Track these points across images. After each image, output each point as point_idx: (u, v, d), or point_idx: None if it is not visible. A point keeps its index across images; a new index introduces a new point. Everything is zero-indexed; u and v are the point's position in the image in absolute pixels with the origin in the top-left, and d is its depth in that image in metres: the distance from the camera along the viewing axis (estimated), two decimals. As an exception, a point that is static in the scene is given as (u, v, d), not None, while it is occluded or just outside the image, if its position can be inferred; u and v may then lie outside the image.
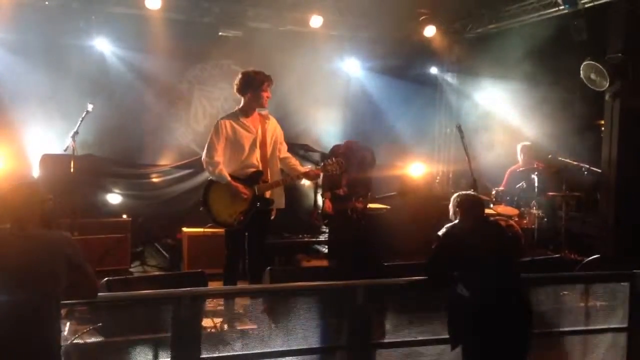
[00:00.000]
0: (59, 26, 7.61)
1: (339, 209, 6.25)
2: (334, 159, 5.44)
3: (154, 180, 8.38)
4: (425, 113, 10.02)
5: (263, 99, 5.28)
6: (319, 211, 6.49)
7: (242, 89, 5.30)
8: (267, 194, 5.31)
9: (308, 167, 5.96)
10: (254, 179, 5.25)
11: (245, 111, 5.33)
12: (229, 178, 5.18)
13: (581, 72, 7.06)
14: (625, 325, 4.78)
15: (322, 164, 5.50)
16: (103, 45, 8.14)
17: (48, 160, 7.29)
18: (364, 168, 6.47)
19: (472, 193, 4.51)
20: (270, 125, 5.40)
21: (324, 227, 7.13)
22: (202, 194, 5.32)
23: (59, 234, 3.18)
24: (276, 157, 5.42)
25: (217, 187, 5.25)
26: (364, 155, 6.50)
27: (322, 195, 6.48)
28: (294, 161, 5.59)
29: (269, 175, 5.32)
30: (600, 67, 6.87)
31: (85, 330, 4.15)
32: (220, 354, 3.96)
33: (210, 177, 5.31)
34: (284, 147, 5.55)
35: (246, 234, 5.35)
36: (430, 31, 8.85)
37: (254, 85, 5.24)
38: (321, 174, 5.68)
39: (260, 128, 5.33)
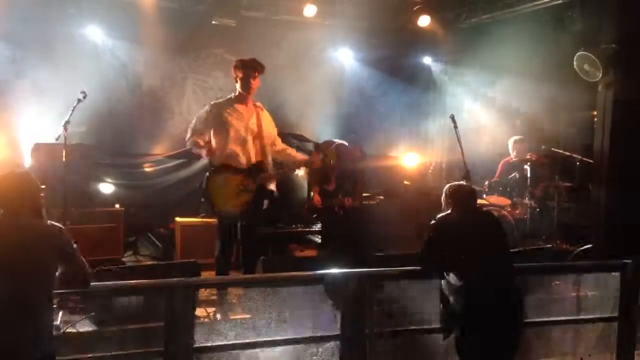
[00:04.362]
0: (49, 13, 7.53)
1: (326, 205, 6.30)
2: (330, 149, 5.47)
3: (147, 169, 8.35)
4: (419, 103, 10.01)
5: (250, 85, 5.27)
6: (309, 204, 6.50)
7: (235, 75, 5.32)
8: (269, 186, 5.34)
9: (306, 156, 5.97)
10: (255, 170, 5.26)
11: (239, 98, 5.34)
12: (197, 150, 5.25)
13: (575, 62, 7.06)
14: (615, 314, 4.82)
15: (321, 157, 5.53)
16: (95, 34, 8.07)
17: (40, 149, 7.23)
18: (352, 165, 6.50)
19: (465, 183, 4.52)
20: (264, 117, 5.41)
21: (314, 221, 7.15)
22: (204, 185, 5.32)
23: (50, 223, 3.16)
24: (272, 148, 5.45)
25: (218, 178, 5.25)
26: (352, 153, 6.54)
27: (310, 189, 6.52)
28: (291, 151, 5.62)
29: (267, 166, 5.34)
30: (594, 57, 6.87)
31: (78, 320, 4.15)
32: (213, 344, 3.98)
33: (211, 168, 5.32)
34: (279, 139, 5.57)
35: (239, 224, 5.35)
36: (424, 21, 8.81)
37: (242, 71, 5.25)
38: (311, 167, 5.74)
39: (255, 118, 5.33)
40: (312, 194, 6.48)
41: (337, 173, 6.33)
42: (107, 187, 7.84)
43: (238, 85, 5.32)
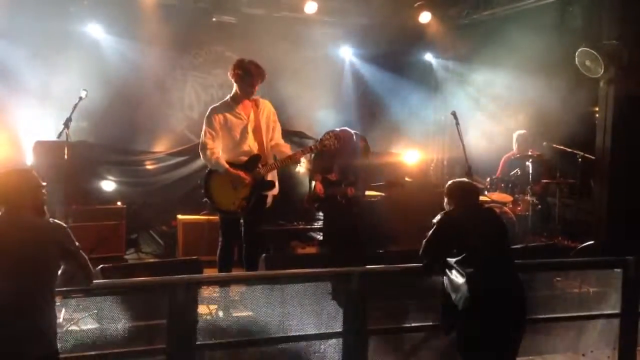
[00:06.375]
0: (50, 11, 7.53)
1: (329, 194, 6.25)
2: (330, 132, 5.40)
3: (149, 167, 8.35)
4: (420, 100, 10.00)
5: (253, 92, 5.25)
6: (310, 194, 6.45)
7: (235, 77, 5.27)
8: (268, 177, 5.32)
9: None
10: (252, 163, 5.24)
11: (236, 99, 5.32)
12: (226, 166, 5.16)
13: (576, 58, 7.05)
14: (617, 311, 4.82)
15: (319, 139, 5.45)
16: (96, 31, 8.09)
17: (41, 147, 7.24)
18: (356, 155, 6.46)
19: (467, 180, 4.51)
20: (263, 109, 5.37)
21: (316, 211, 7.11)
22: (203, 185, 5.32)
23: (52, 221, 3.16)
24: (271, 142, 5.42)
25: (217, 176, 5.24)
26: (356, 142, 6.49)
27: (313, 178, 6.47)
28: (283, 148, 5.51)
29: (267, 159, 5.32)
30: (595, 54, 6.86)
31: (80, 318, 4.15)
32: (215, 341, 3.98)
33: (209, 167, 5.30)
34: (277, 132, 5.50)
35: (241, 220, 5.35)
36: (425, 17, 8.81)
37: (245, 80, 5.20)
38: (314, 153, 5.69)
39: (252, 114, 5.31)
40: (314, 183, 6.43)
41: (340, 162, 6.28)
42: (108, 185, 7.85)
43: (236, 87, 5.28)
